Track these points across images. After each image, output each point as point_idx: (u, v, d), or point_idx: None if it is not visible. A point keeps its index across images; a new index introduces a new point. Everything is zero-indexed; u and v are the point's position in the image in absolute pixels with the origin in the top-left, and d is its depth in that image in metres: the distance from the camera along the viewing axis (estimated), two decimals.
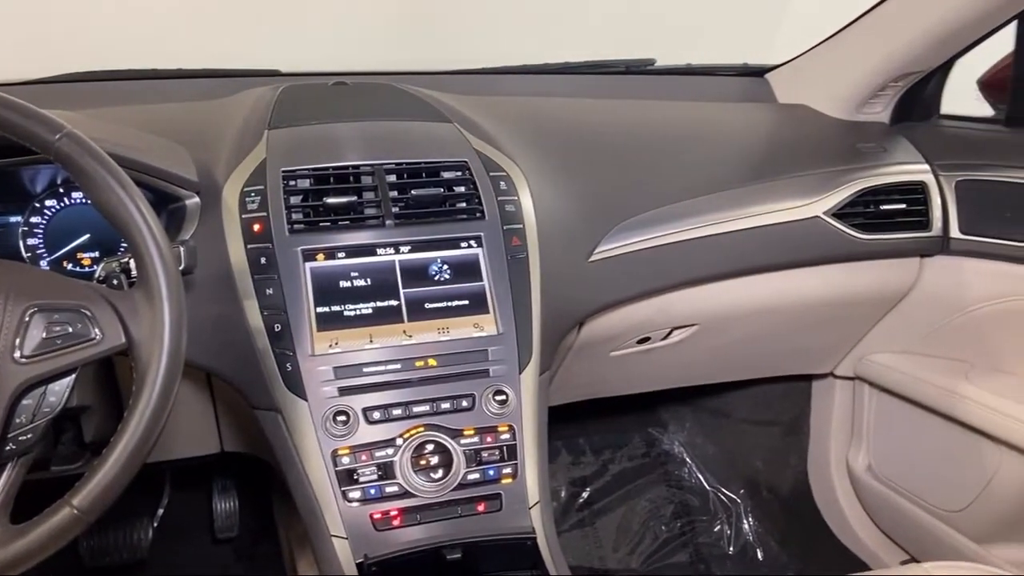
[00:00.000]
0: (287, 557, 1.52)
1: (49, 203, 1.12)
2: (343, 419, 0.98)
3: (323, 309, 1.01)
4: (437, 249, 1.07)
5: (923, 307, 1.52)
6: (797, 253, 1.37)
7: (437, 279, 1.06)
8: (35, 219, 1.11)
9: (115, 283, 0.82)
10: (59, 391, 0.77)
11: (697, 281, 1.32)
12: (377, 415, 0.99)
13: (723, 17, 2.16)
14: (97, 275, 0.83)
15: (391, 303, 1.04)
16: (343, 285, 1.02)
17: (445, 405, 1.02)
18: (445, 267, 1.06)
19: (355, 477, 0.97)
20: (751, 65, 1.72)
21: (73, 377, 0.78)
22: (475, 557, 0.98)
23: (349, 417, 0.98)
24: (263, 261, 1.01)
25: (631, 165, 1.35)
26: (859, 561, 1.79)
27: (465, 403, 1.02)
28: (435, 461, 0.99)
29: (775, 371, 1.80)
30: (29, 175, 1.08)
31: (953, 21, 1.33)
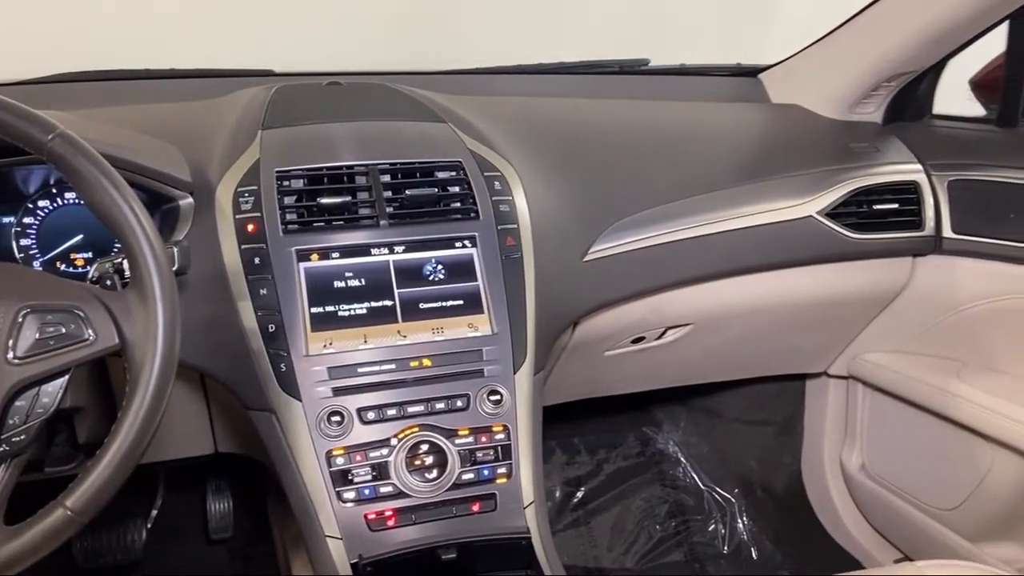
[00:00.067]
0: (281, 558, 1.51)
1: (42, 204, 1.11)
2: (337, 419, 0.97)
3: (317, 309, 1.01)
4: (431, 249, 1.07)
5: (916, 306, 1.53)
6: (790, 253, 1.37)
7: (431, 279, 1.06)
8: (28, 220, 1.11)
9: (108, 284, 0.82)
10: (52, 392, 0.77)
11: (691, 281, 1.33)
12: (371, 415, 0.99)
13: (717, 17, 2.17)
14: (90, 276, 0.83)
15: (385, 303, 1.03)
16: (337, 285, 1.02)
17: (440, 405, 1.01)
18: (439, 267, 1.06)
19: (349, 477, 0.97)
20: (744, 65, 1.72)
21: (66, 378, 0.77)
22: (470, 557, 0.98)
23: (343, 417, 0.98)
24: (257, 261, 1.00)
25: (625, 165, 1.35)
26: (853, 560, 1.79)
27: (460, 403, 1.02)
28: (430, 461, 0.99)
29: (769, 370, 1.80)
30: (22, 175, 1.08)
31: (945, 21, 1.33)
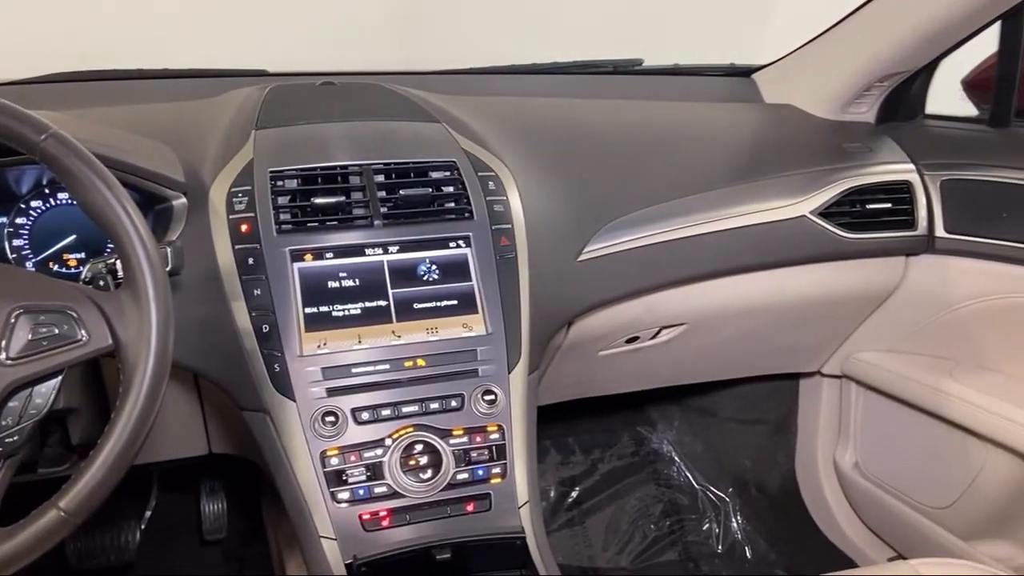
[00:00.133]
0: (276, 558, 1.51)
1: (35, 204, 1.11)
2: (332, 420, 0.97)
3: (311, 310, 1.00)
4: (426, 249, 1.07)
5: (909, 305, 1.53)
6: (784, 252, 1.38)
7: (426, 279, 1.06)
8: (21, 220, 1.10)
9: (101, 284, 0.82)
10: (45, 393, 0.77)
11: (685, 280, 1.33)
12: (366, 416, 0.99)
13: (710, 17, 2.17)
14: (83, 276, 0.83)
15: (380, 303, 1.03)
16: (331, 285, 1.02)
17: (434, 405, 1.01)
18: (434, 267, 1.06)
19: (344, 478, 0.97)
20: (738, 65, 1.73)
21: (59, 379, 0.77)
22: (464, 557, 0.98)
23: (338, 418, 0.98)
24: (251, 262, 1.00)
25: (619, 165, 1.35)
26: (846, 558, 1.80)
27: (454, 403, 1.02)
28: (424, 461, 0.99)
29: (763, 370, 1.80)
30: (14, 176, 1.07)
31: (938, 21, 1.34)
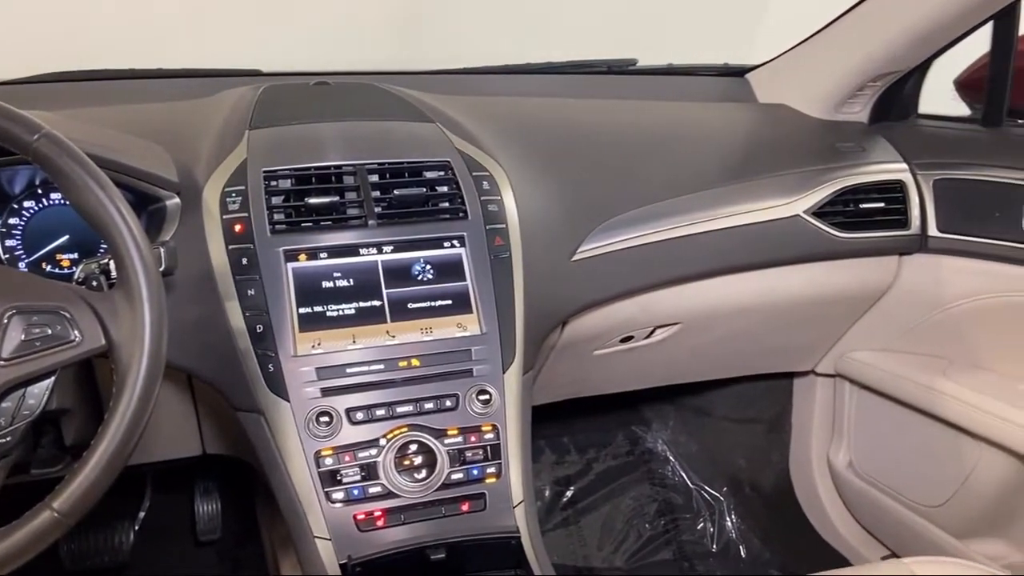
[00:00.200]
0: (270, 559, 1.51)
1: (27, 204, 1.10)
2: (326, 420, 0.97)
3: (305, 310, 1.00)
4: (420, 249, 1.06)
5: (902, 305, 1.54)
6: (777, 252, 1.38)
7: (420, 279, 1.05)
8: (13, 220, 1.10)
9: (95, 285, 0.82)
10: (38, 394, 0.77)
11: (679, 280, 1.33)
12: (360, 416, 0.99)
13: (704, 17, 2.18)
14: (76, 277, 0.83)
15: (374, 303, 1.03)
16: (325, 285, 1.02)
17: (428, 405, 1.01)
18: (428, 267, 1.06)
19: (338, 478, 0.96)
20: (732, 65, 1.73)
21: (53, 379, 0.77)
22: (459, 557, 0.98)
23: (332, 418, 0.98)
24: (244, 262, 1.00)
25: (613, 165, 1.35)
26: (840, 557, 1.80)
27: (449, 403, 1.02)
28: (419, 461, 0.98)
29: (757, 369, 1.81)
30: (7, 176, 1.07)
31: (931, 21, 1.34)
